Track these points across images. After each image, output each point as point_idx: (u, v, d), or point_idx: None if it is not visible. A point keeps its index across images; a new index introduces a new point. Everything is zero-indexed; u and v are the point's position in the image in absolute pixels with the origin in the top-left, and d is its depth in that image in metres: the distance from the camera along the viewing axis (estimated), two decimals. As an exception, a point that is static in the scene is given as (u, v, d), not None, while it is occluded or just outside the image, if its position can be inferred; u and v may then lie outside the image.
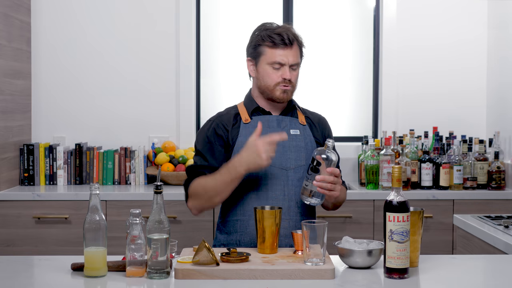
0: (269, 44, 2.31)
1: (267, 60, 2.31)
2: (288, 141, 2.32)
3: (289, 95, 2.34)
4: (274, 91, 2.32)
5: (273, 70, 2.31)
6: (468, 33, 4.20)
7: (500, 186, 3.75)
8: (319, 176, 2.14)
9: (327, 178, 2.14)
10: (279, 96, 2.32)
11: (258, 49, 2.33)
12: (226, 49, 4.29)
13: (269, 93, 2.33)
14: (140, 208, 1.89)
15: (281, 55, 2.30)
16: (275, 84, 2.31)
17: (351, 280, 1.84)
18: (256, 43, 2.34)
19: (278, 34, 2.30)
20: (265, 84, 2.33)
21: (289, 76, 2.30)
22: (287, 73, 2.30)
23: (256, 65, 2.36)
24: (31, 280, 1.90)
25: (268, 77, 2.32)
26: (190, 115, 4.13)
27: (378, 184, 3.74)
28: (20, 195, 3.59)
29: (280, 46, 2.30)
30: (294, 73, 2.34)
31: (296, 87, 2.37)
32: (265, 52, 2.32)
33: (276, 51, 2.30)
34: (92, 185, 1.86)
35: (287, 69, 2.30)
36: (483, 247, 2.59)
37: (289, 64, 2.31)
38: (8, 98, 3.74)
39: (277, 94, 2.32)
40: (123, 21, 4.12)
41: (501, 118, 4.00)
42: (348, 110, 4.36)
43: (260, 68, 2.34)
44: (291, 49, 2.31)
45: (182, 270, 1.84)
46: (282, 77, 2.30)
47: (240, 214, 2.31)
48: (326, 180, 2.14)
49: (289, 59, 2.30)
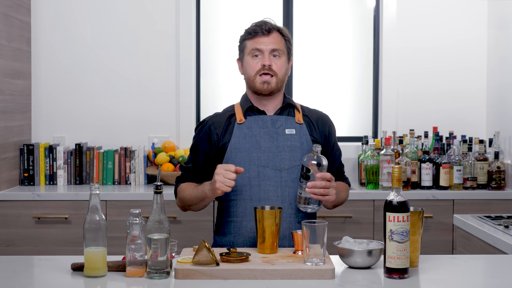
0: (248, 37, 2.35)
1: (248, 50, 2.34)
2: (283, 141, 2.31)
3: (271, 86, 2.31)
4: (255, 82, 2.32)
5: (253, 59, 2.33)
6: (468, 33, 4.20)
7: (500, 186, 3.75)
8: (310, 183, 2.14)
9: (318, 183, 2.13)
10: (259, 87, 2.31)
11: (241, 45, 2.38)
12: (226, 49, 4.29)
13: (252, 84, 2.33)
14: (140, 208, 1.89)
15: (259, 42, 2.32)
16: (255, 73, 2.31)
17: (351, 280, 1.84)
18: (240, 41, 2.39)
19: (256, 25, 2.34)
20: (247, 76, 2.35)
21: (269, 61, 2.30)
22: (267, 59, 2.30)
23: (242, 62, 2.39)
24: (31, 280, 1.90)
25: (249, 67, 2.34)
26: (190, 114, 4.14)
27: (378, 184, 3.74)
28: (20, 195, 3.59)
29: (257, 35, 2.32)
30: (277, 61, 2.32)
31: (282, 78, 2.34)
32: (246, 45, 2.35)
33: (254, 40, 2.33)
34: (92, 185, 1.86)
35: (266, 55, 2.30)
36: (483, 247, 2.60)
37: (268, 51, 2.31)
38: (8, 98, 3.74)
39: (257, 85, 2.31)
40: (123, 21, 4.12)
41: (501, 118, 4.00)
42: (348, 110, 4.36)
43: (244, 61, 2.37)
44: (268, 36, 2.32)
45: (182, 270, 1.84)
46: (262, 63, 2.30)
47: (233, 215, 2.31)
48: (317, 186, 2.13)
49: (268, 45, 2.31)
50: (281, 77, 2.33)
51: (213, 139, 2.34)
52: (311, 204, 2.19)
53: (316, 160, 2.16)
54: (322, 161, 2.17)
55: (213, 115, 2.42)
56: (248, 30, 2.36)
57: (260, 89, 2.32)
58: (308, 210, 2.21)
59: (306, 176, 2.15)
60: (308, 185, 2.14)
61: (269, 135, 2.31)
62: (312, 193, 2.14)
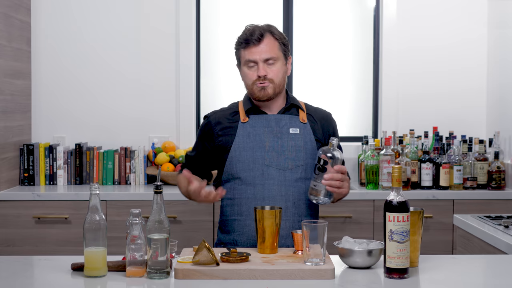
0: (241, 46, 2.35)
1: (243, 61, 2.35)
2: (287, 140, 2.33)
3: (268, 92, 2.32)
4: (253, 91, 2.34)
5: (249, 70, 2.34)
6: (468, 33, 4.20)
7: (500, 186, 3.75)
8: (328, 175, 2.15)
9: (336, 176, 2.15)
10: (258, 95, 2.33)
11: (237, 54, 2.40)
12: (226, 49, 4.28)
13: (251, 92, 2.36)
14: (140, 208, 1.89)
15: (251, 53, 2.32)
16: (252, 83, 2.33)
17: (351, 280, 1.84)
18: (235, 50, 2.40)
19: (247, 33, 2.34)
20: (246, 85, 2.38)
21: (264, 72, 2.30)
22: (261, 70, 2.31)
23: (240, 70, 2.41)
24: (31, 280, 1.90)
25: (246, 78, 2.36)
26: (190, 114, 4.14)
27: (378, 184, 3.74)
28: (20, 195, 3.59)
29: (249, 45, 2.32)
30: (271, 68, 2.32)
31: (280, 83, 2.34)
32: (241, 55, 2.36)
33: (246, 50, 2.33)
34: (92, 185, 1.86)
35: (260, 66, 2.31)
36: (483, 247, 2.59)
37: (262, 60, 2.31)
38: (8, 98, 3.74)
39: (255, 93, 2.34)
40: (123, 21, 4.12)
41: (501, 118, 4.00)
42: (348, 110, 4.35)
43: (241, 71, 2.39)
44: (259, 45, 2.31)
45: (182, 270, 1.84)
46: (257, 74, 2.31)
47: (238, 213, 2.32)
48: (334, 178, 2.15)
49: (260, 55, 2.31)
50: (278, 82, 2.34)
51: (214, 134, 2.38)
52: (325, 196, 2.19)
53: (333, 153, 2.17)
54: (339, 154, 2.18)
55: (218, 110, 2.46)
56: (240, 39, 2.36)
57: (258, 97, 2.34)
58: (320, 201, 2.21)
59: (323, 168, 2.16)
60: (325, 177, 2.15)
61: (273, 134, 2.32)
62: (329, 185, 2.15)
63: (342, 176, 2.17)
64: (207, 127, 2.41)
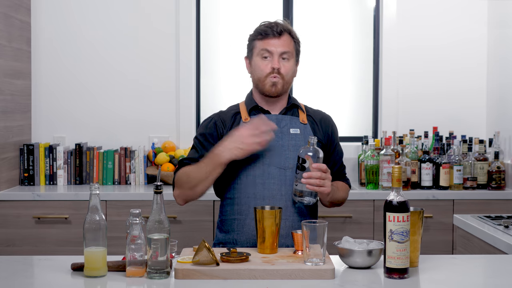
0: (259, 37, 2.34)
1: (257, 51, 2.34)
2: (287, 140, 2.33)
3: (278, 88, 2.33)
4: (265, 84, 2.33)
5: (263, 61, 2.33)
6: (468, 33, 4.20)
7: (500, 186, 3.75)
8: (306, 173, 2.15)
9: (314, 174, 2.15)
10: (269, 89, 2.33)
11: (250, 45, 2.38)
12: (226, 49, 4.29)
13: (261, 86, 2.34)
14: (140, 208, 1.89)
15: (270, 44, 2.32)
16: (265, 75, 2.32)
17: (351, 280, 1.84)
18: (249, 40, 2.39)
19: (267, 26, 2.34)
20: (257, 77, 2.35)
21: (278, 65, 2.30)
22: (276, 62, 2.30)
23: (250, 61, 2.39)
24: (31, 280, 1.90)
25: (258, 69, 2.34)
26: (190, 114, 4.14)
27: (378, 184, 3.74)
28: (20, 195, 3.59)
29: (268, 37, 2.32)
30: (285, 64, 2.33)
31: (289, 81, 2.35)
32: (256, 45, 2.35)
33: (264, 41, 2.33)
34: (92, 185, 1.86)
35: (276, 58, 2.31)
36: (483, 247, 2.59)
37: (278, 53, 2.31)
38: (8, 98, 3.74)
39: (267, 87, 2.33)
40: (123, 21, 4.12)
41: (501, 118, 4.00)
42: (348, 110, 4.35)
43: (253, 62, 2.37)
44: (279, 39, 2.32)
45: (182, 270, 1.84)
46: (271, 66, 2.30)
47: (237, 213, 2.32)
48: (313, 176, 2.14)
49: (277, 48, 2.31)
50: (288, 79, 2.35)
51: (220, 134, 2.36)
52: (306, 196, 2.19)
53: (312, 151, 2.17)
54: (319, 153, 2.18)
55: (218, 112, 2.44)
56: (259, 30, 2.35)
57: (268, 91, 2.34)
58: (304, 202, 2.21)
59: (302, 167, 2.16)
60: (303, 175, 2.15)
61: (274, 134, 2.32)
62: (308, 184, 2.15)
63: (321, 174, 2.15)
64: (213, 126, 2.37)
